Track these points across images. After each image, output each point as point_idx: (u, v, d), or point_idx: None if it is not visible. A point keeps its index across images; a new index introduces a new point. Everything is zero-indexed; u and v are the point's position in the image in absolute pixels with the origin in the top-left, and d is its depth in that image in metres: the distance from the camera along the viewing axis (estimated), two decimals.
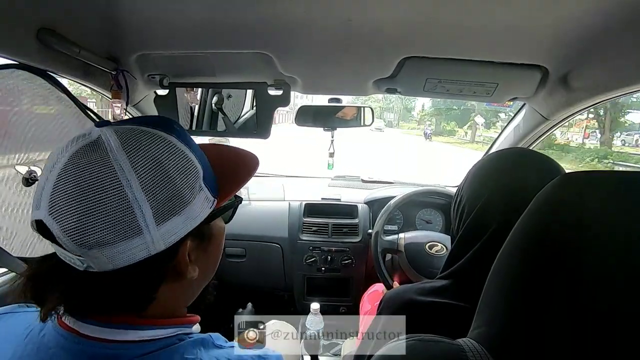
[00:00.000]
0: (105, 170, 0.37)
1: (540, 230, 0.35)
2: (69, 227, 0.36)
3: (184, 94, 1.18)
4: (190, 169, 0.42)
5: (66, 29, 0.71)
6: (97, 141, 0.38)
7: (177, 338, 0.45)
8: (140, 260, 0.39)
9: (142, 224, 0.38)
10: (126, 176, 0.37)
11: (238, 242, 1.59)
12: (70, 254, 0.38)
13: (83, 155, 0.37)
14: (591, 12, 0.65)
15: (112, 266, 0.38)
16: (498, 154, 0.71)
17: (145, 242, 0.38)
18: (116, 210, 0.37)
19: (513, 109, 1.38)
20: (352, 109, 1.38)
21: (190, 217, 0.42)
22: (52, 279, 0.40)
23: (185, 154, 0.43)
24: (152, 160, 0.39)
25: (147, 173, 0.38)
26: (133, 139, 0.39)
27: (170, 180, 0.40)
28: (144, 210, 0.38)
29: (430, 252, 1.24)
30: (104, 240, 0.36)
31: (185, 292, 0.50)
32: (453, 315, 0.64)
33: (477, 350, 0.36)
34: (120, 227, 0.37)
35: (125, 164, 0.37)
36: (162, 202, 0.39)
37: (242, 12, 0.73)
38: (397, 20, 0.73)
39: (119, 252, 0.38)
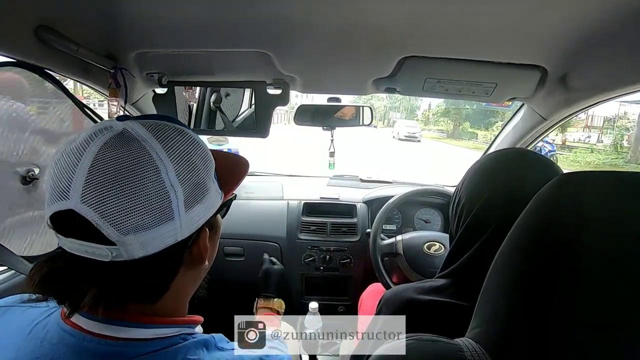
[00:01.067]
0: (144, 157, 0.39)
1: (539, 230, 0.35)
2: (107, 212, 0.37)
3: (182, 93, 1.18)
4: (209, 160, 0.46)
5: (65, 27, 0.71)
6: (124, 133, 0.40)
7: (181, 337, 0.45)
8: (167, 247, 0.41)
9: (175, 209, 0.40)
10: (163, 163, 0.39)
11: (236, 241, 1.59)
12: (98, 245, 0.38)
13: (116, 145, 0.39)
14: (590, 13, 0.66)
15: (143, 253, 0.39)
16: (497, 154, 0.71)
17: (174, 228, 0.40)
18: (155, 194, 0.38)
19: (512, 109, 1.38)
20: (351, 108, 1.38)
21: (209, 206, 0.46)
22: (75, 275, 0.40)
23: (204, 147, 0.46)
24: (181, 149, 0.42)
25: (179, 160, 0.41)
26: (162, 131, 0.42)
27: (197, 169, 0.43)
28: (178, 195, 0.40)
29: (429, 252, 1.25)
30: (141, 224, 0.38)
31: (194, 282, 0.52)
32: (453, 314, 0.64)
33: (475, 350, 0.36)
34: (157, 211, 0.39)
35: (161, 152, 0.40)
36: (191, 188, 0.42)
37: (241, 11, 0.73)
38: (396, 20, 0.73)
39: (152, 238, 0.39)
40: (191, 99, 1.27)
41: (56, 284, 0.40)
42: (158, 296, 0.44)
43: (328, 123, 1.37)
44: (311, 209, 1.66)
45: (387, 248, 1.31)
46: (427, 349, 0.39)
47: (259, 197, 1.72)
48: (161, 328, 0.44)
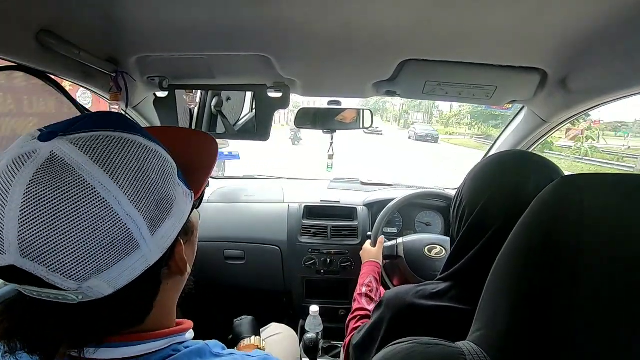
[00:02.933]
0: (84, 191, 0.33)
1: (541, 232, 0.35)
2: (57, 264, 0.32)
3: (183, 96, 1.18)
4: (166, 168, 0.40)
5: (66, 31, 0.71)
6: (53, 160, 0.33)
7: (171, 349, 0.43)
8: (140, 274, 0.37)
9: (139, 237, 0.35)
10: (111, 192, 0.33)
11: (237, 244, 1.59)
12: (58, 292, 0.34)
13: (45, 181, 0.32)
14: (590, 15, 0.66)
15: (112, 289, 0.36)
16: (497, 156, 0.71)
17: (143, 255, 0.36)
18: (109, 231, 0.33)
19: (512, 112, 1.39)
20: (351, 111, 1.38)
21: (178, 216, 0.41)
22: (42, 322, 0.36)
23: (158, 152, 0.40)
24: (130, 168, 0.36)
25: (131, 183, 0.35)
26: (101, 149, 0.35)
27: (155, 185, 0.37)
28: (138, 223, 0.35)
29: (430, 255, 1.24)
30: (101, 266, 0.34)
31: (178, 290, 0.49)
32: (455, 319, 0.64)
33: (477, 353, 0.36)
34: (117, 247, 0.34)
35: (104, 180, 0.34)
36: (152, 209, 0.37)
37: (241, 15, 0.73)
38: (396, 23, 0.73)
39: (119, 274, 0.35)
40: (192, 103, 1.27)
41: (21, 336, 0.35)
42: (142, 319, 0.42)
43: (328, 126, 1.37)
44: (312, 212, 1.66)
45: (388, 251, 1.31)
46: (429, 352, 0.39)
47: (259, 200, 1.72)
48: (149, 343, 0.41)
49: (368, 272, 1.18)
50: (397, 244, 1.30)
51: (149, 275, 0.38)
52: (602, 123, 17.06)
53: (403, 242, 1.30)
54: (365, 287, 1.11)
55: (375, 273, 1.18)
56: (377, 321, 0.77)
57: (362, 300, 1.07)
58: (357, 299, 1.08)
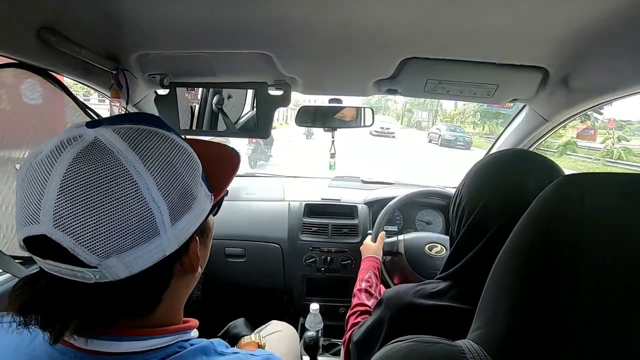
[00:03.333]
0: (119, 172, 0.35)
1: (541, 231, 0.35)
2: (84, 237, 0.34)
3: (184, 94, 1.18)
4: (194, 165, 0.43)
5: (67, 28, 0.71)
6: (95, 143, 0.37)
7: (177, 346, 0.44)
8: (155, 263, 0.38)
9: (160, 224, 0.37)
10: (142, 177, 0.36)
11: (238, 242, 1.59)
12: (79, 268, 0.35)
13: (88, 160, 0.35)
14: (592, 13, 0.65)
15: (128, 272, 0.37)
16: (498, 155, 0.70)
17: (161, 243, 0.38)
18: (136, 213, 0.36)
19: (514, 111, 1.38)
20: (351, 109, 1.38)
21: (198, 213, 0.43)
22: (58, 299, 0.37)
23: (187, 150, 0.43)
24: (162, 158, 0.39)
25: (160, 172, 0.38)
26: (138, 138, 0.38)
27: (181, 178, 0.40)
28: (162, 210, 0.37)
29: (430, 254, 1.24)
30: (123, 246, 0.35)
31: (187, 289, 0.50)
32: (454, 318, 0.63)
33: (477, 352, 0.36)
34: (140, 230, 0.36)
35: (138, 165, 0.36)
36: (176, 200, 0.39)
37: (243, 12, 0.73)
38: (397, 21, 0.73)
39: (137, 257, 0.37)
40: (193, 100, 1.27)
41: (38, 310, 0.37)
42: (150, 310, 0.43)
43: (329, 124, 1.37)
44: (312, 210, 1.66)
45: (388, 247, 1.31)
46: (429, 350, 0.39)
47: (260, 199, 1.72)
48: (155, 338, 0.42)
49: (367, 268, 1.18)
50: (398, 241, 1.31)
51: (162, 266, 0.40)
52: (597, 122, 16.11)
53: (404, 239, 1.30)
54: (364, 282, 1.11)
55: (374, 268, 1.18)
56: (377, 320, 0.77)
57: (362, 296, 1.07)
58: (356, 295, 1.09)
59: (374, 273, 1.15)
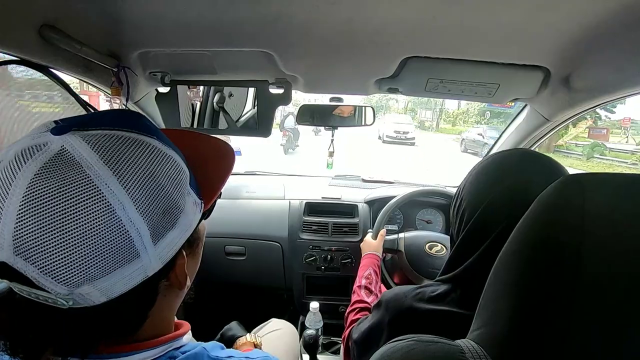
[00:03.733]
0: (89, 192, 0.31)
1: (542, 231, 0.35)
2: (49, 267, 0.30)
3: (185, 92, 1.18)
4: (179, 175, 0.38)
5: (68, 26, 0.71)
6: (62, 154, 0.32)
7: (167, 357, 0.41)
8: (136, 285, 0.35)
9: (140, 246, 0.33)
10: (116, 196, 0.32)
11: (238, 240, 1.59)
12: (47, 294, 0.32)
13: (51, 177, 0.30)
14: (593, 13, 0.65)
15: (105, 298, 0.33)
16: (499, 155, 0.70)
17: (142, 265, 0.34)
18: (110, 238, 0.31)
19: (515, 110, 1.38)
20: (351, 107, 1.38)
21: (184, 227, 0.39)
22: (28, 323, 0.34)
23: (172, 158, 0.38)
24: (141, 172, 0.34)
25: (139, 189, 0.33)
26: (113, 149, 0.33)
27: (164, 193, 0.35)
28: (141, 232, 0.33)
29: (430, 253, 1.24)
30: (96, 273, 0.32)
31: (175, 302, 0.47)
32: (454, 323, 0.62)
33: (476, 351, 0.36)
34: (115, 255, 0.32)
35: (112, 182, 0.32)
36: (158, 218, 0.35)
37: (244, 11, 0.73)
38: (399, 20, 0.73)
39: (114, 282, 0.33)
40: (195, 98, 1.27)
41: (6, 336, 0.34)
42: (135, 329, 0.39)
43: (329, 123, 1.37)
44: (313, 208, 1.66)
45: (389, 244, 1.31)
46: (428, 350, 0.39)
47: (261, 197, 1.72)
48: (144, 352, 0.39)
49: (367, 265, 1.18)
50: (399, 238, 1.31)
51: (146, 286, 0.36)
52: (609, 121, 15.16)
53: (404, 237, 1.31)
54: (364, 279, 1.12)
55: (374, 266, 1.18)
56: (376, 322, 0.77)
57: (361, 293, 1.07)
58: (356, 291, 1.09)
59: (373, 270, 1.16)
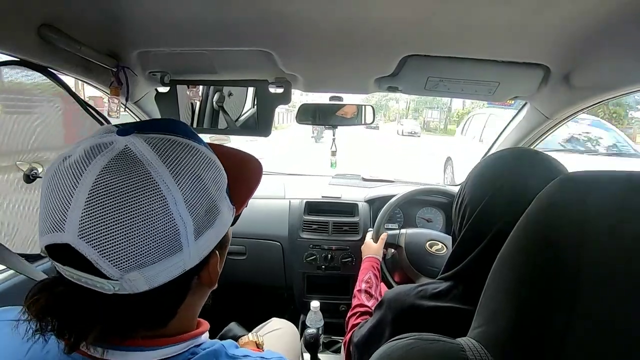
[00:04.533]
0: (149, 186, 0.35)
1: (542, 230, 0.35)
2: (107, 250, 0.33)
3: (185, 91, 1.18)
4: (221, 180, 0.42)
5: (67, 26, 0.71)
6: (126, 153, 0.36)
7: (190, 352, 0.43)
8: (174, 278, 0.38)
9: (184, 240, 0.37)
10: (171, 192, 0.36)
11: (238, 239, 1.59)
12: (99, 279, 0.35)
13: (118, 170, 0.35)
14: (593, 11, 0.65)
15: (147, 286, 0.36)
16: (500, 154, 0.70)
17: (182, 259, 0.37)
18: (162, 229, 0.35)
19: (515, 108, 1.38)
20: (351, 107, 1.38)
21: (220, 228, 0.42)
22: (75, 307, 0.36)
23: (216, 163, 0.42)
24: (192, 173, 0.38)
25: (189, 187, 0.37)
26: (170, 151, 0.38)
27: (208, 193, 0.39)
28: (187, 226, 0.37)
29: (430, 251, 1.24)
30: (146, 260, 0.35)
31: (201, 301, 0.49)
32: (457, 319, 0.62)
33: (477, 349, 0.36)
34: (164, 245, 0.35)
35: (168, 179, 0.36)
36: (201, 215, 0.38)
37: (243, 10, 0.73)
38: (398, 19, 0.73)
39: (158, 272, 0.36)
40: (195, 97, 1.27)
41: (54, 317, 0.36)
42: (165, 323, 0.42)
43: (329, 122, 1.37)
44: (313, 207, 1.66)
45: (390, 239, 1.31)
46: (429, 348, 0.39)
47: (261, 196, 1.72)
48: (167, 347, 0.42)
49: (367, 268, 1.18)
50: (400, 234, 1.31)
51: (181, 281, 0.39)
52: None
53: (406, 233, 1.31)
54: (364, 283, 1.12)
55: (374, 269, 1.18)
56: (378, 322, 0.77)
57: (362, 297, 1.07)
58: (356, 295, 1.09)
59: (373, 274, 1.16)
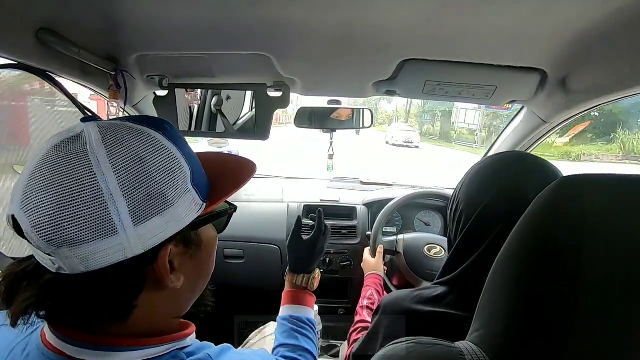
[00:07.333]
0: (81, 163, 0.36)
1: (539, 234, 0.35)
2: (38, 222, 0.34)
3: (183, 95, 1.18)
4: (174, 168, 0.41)
5: (66, 29, 0.71)
6: (79, 135, 0.38)
7: (171, 355, 0.43)
8: (115, 263, 0.37)
9: (117, 222, 0.36)
10: (102, 169, 0.36)
11: (237, 243, 1.59)
12: (42, 253, 0.36)
13: (61, 149, 0.37)
14: (589, 15, 0.66)
15: (84, 268, 0.36)
16: (496, 157, 0.70)
17: (120, 243, 0.36)
18: (89, 205, 0.35)
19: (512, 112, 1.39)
20: (348, 110, 1.38)
21: (173, 220, 0.40)
22: (24, 281, 0.38)
23: (170, 152, 0.41)
24: (132, 155, 0.38)
25: (126, 168, 0.37)
26: (114, 133, 0.38)
27: (151, 178, 0.38)
28: (119, 207, 0.36)
29: (429, 255, 1.24)
30: (74, 237, 0.35)
31: (171, 303, 0.46)
32: (452, 325, 0.62)
33: (476, 353, 0.36)
34: (92, 224, 0.35)
35: (102, 157, 0.36)
36: (140, 200, 0.37)
37: (242, 14, 0.73)
38: (396, 23, 0.73)
39: (91, 253, 0.36)
40: (193, 101, 1.27)
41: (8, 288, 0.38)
42: (124, 314, 0.41)
43: (327, 125, 1.37)
44: (311, 211, 1.66)
45: (388, 245, 1.31)
46: (428, 352, 0.39)
47: (259, 200, 1.72)
48: (146, 349, 0.41)
49: (369, 286, 1.18)
50: (398, 240, 1.31)
51: (129, 269, 0.39)
52: None
53: (404, 239, 1.31)
54: (366, 299, 1.12)
55: (377, 286, 1.18)
56: (375, 326, 0.76)
57: (364, 313, 1.07)
58: (359, 312, 1.09)
59: (376, 290, 1.16)
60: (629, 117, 14.03)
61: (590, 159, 13.51)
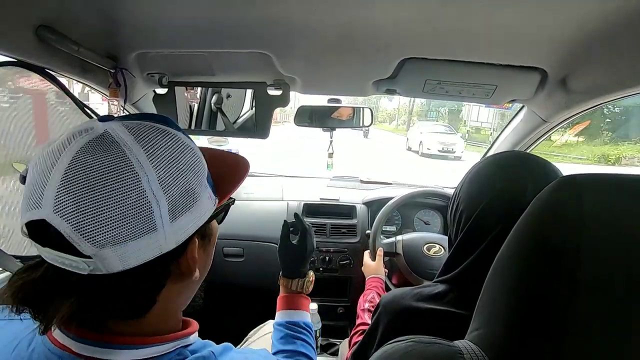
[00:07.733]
0: (122, 164, 0.36)
1: (538, 233, 0.35)
2: (81, 224, 0.34)
3: (183, 93, 1.18)
4: (199, 165, 0.43)
5: (65, 27, 0.71)
6: (104, 136, 0.38)
7: (176, 354, 0.43)
8: (150, 260, 0.38)
9: (158, 220, 0.37)
10: (144, 170, 0.37)
11: (236, 242, 1.59)
12: (74, 257, 0.35)
13: (94, 150, 0.36)
14: (590, 15, 0.66)
15: (122, 267, 0.37)
16: (495, 157, 0.70)
17: (157, 240, 0.38)
18: (134, 205, 0.36)
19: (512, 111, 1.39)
20: (348, 109, 1.38)
21: (199, 214, 0.43)
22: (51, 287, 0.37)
23: (193, 149, 0.43)
24: (167, 155, 0.39)
25: (164, 168, 0.38)
26: (146, 134, 0.39)
27: (184, 176, 0.40)
28: (160, 205, 0.37)
29: (429, 254, 1.25)
30: (119, 237, 0.35)
31: (185, 294, 0.49)
32: (452, 323, 0.62)
33: (475, 352, 0.36)
34: (137, 223, 0.36)
35: (142, 158, 0.37)
36: (176, 197, 0.39)
37: (241, 12, 0.73)
38: (397, 21, 0.73)
39: (132, 251, 0.36)
40: (193, 99, 1.27)
41: (31, 296, 0.37)
42: (144, 311, 0.42)
43: (327, 124, 1.37)
44: (311, 210, 1.66)
45: (387, 247, 1.31)
46: (427, 351, 0.39)
47: (259, 198, 1.72)
48: (153, 347, 0.42)
49: (370, 289, 1.19)
50: (397, 241, 1.31)
51: (158, 265, 0.39)
52: None
53: (402, 240, 1.31)
54: (367, 302, 1.12)
55: (378, 289, 1.18)
56: (374, 324, 0.77)
57: (365, 316, 1.08)
58: (360, 315, 1.09)
59: (377, 293, 1.16)
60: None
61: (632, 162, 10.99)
